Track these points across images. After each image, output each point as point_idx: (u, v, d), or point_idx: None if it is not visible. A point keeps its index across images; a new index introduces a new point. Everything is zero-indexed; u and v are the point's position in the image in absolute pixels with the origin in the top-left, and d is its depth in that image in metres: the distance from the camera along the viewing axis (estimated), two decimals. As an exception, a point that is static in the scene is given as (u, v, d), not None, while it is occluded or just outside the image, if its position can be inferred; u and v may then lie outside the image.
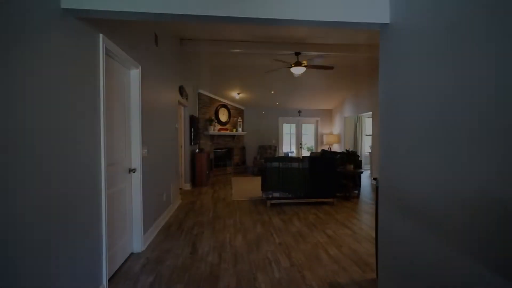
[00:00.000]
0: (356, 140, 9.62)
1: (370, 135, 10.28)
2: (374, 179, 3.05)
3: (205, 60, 6.38)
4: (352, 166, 5.46)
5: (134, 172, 2.84)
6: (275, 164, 4.80)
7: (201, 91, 8.11)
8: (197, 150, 6.84)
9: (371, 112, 7.47)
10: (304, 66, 5.71)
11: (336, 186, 4.92)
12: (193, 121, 6.71)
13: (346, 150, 5.51)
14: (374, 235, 3.38)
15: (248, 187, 6.62)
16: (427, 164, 1.47)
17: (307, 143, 11.00)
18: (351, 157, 5.33)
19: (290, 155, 11.32)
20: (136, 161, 2.88)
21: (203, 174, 6.74)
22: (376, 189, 2.31)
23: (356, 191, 5.56)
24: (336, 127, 9.93)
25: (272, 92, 8.53)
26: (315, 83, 7.93)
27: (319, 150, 10.32)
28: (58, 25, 1.60)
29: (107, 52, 2.28)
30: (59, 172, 1.60)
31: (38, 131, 1.42)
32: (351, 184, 5.37)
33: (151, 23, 3.51)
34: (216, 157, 8.84)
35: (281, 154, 10.27)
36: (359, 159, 5.40)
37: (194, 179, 6.88)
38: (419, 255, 1.53)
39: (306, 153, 10.84)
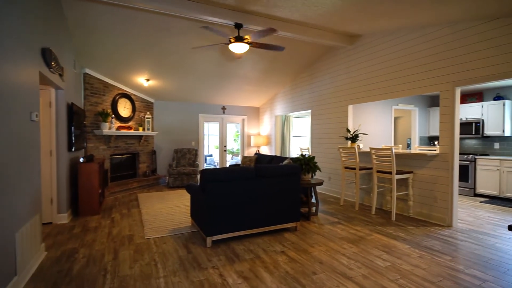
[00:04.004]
0: (284, 142, 8.78)
1: (298, 136, 9.69)
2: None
3: (97, 21, 4.09)
4: (309, 176, 4.30)
5: None
6: (219, 182, 3.13)
7: (90, 71, 5.58)
8: (81, 159, 4.44)
9: (309, 111, 6.63)
10: (247, 43, 4.23)
11: (300, 205, 3.63)
12: (74, 114, 4.29)
13: (301, 155, 4.32)
14: (396, 291, 2.19)
15: (167, 208, 4.65)
16: None
17: (228, 146, 9.56)
18: (310, 164, 4.16)
19: (208, 160, 9.65)
20: None
21: (92, 195, 4.38)
22: None
23: (314, 208, 4.42)
24: (265, 127, 8.86)
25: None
26: (246, 73, 6.57)
27: (245, 154, 9.02)
28: None
29: None
30: None
31: None
32: (310, 199, 4.19)
33: None
34: (114, 166, 6.36)
35: (202, 160, 8.47)
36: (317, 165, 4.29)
37: (77, 205, 4.43)
38: None
39: (228, 157, 9.39)
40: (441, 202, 3.91)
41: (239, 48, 4.29)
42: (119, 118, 6.37)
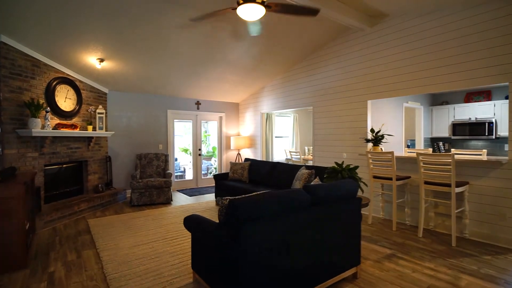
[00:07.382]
0: (266, 143, 7.62)
1: (280, 137, 8.59)
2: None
3: None
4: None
5: None
6: (262, 220, 1.81)
7: (9, 40, 3.70)
8: (-7, 177, 2.66)
9: (311, 108, 5.57)
10: (262, 3, 2.94)
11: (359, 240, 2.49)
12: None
13: (337, 163, 3.19)
14: None
15: (142, 246, 3.09)
16: None
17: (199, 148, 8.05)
18: (354, 177, 3.05)
19: (175, 164, 8.02)
20: None
21: (12, 237, 2.64)
22: None
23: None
24: (247, 127, 7.57)
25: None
26: (236, 59, 5.22)
27: (224, 158, 7.62)
28: None
29: None
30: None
31: None
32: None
33: None
34: (50, 180, 4.46)
35: (173, 167, 6.84)
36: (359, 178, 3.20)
37: (-15, 254, 2.64)
38: None
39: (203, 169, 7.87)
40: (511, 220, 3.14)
41: (251, 12, 3.00)
42: (57, 112, 4.49)
